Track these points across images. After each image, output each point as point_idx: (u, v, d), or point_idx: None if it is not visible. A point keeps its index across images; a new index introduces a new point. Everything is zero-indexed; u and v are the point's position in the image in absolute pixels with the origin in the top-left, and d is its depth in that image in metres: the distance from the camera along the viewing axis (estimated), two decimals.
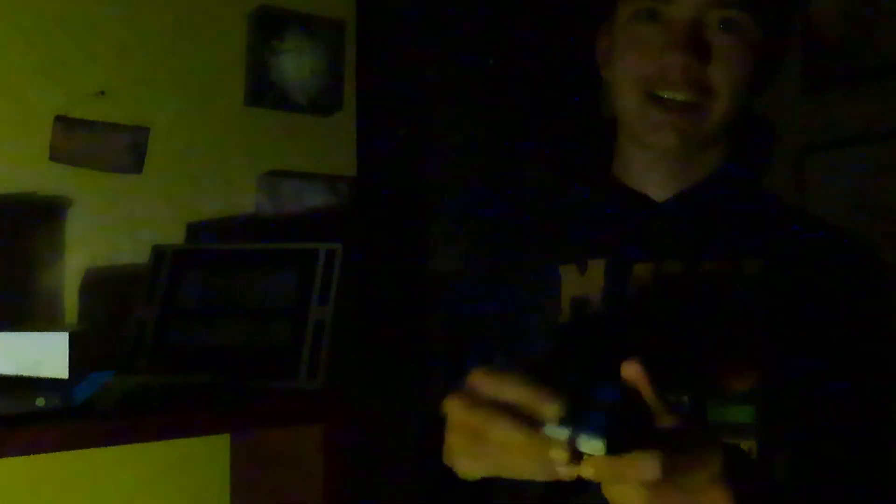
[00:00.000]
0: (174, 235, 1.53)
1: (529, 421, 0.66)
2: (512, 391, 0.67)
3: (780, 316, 0.91)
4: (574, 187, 1.03)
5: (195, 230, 1.55)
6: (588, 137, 1.05)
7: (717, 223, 0.95)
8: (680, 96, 0.91)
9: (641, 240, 0.95)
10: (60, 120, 1.43)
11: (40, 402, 1.09)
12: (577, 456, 0.63)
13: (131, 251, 1.48)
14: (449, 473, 0.76)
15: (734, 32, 0.90)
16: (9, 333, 1.17)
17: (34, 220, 1.42)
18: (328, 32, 1.69)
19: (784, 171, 1.89)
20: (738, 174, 0.98)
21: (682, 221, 0.95)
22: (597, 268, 0.96)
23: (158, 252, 1.45)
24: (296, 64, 1.65)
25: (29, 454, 1.09)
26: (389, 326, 1.82)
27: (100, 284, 1.45)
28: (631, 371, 0.66)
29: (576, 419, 0.62)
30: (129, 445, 1.20)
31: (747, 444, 0.87)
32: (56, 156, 1.43)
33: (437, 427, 0.78)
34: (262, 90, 1.62)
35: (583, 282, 0.96)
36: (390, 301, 1.84)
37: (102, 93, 1.47)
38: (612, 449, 0.61)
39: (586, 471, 0.63)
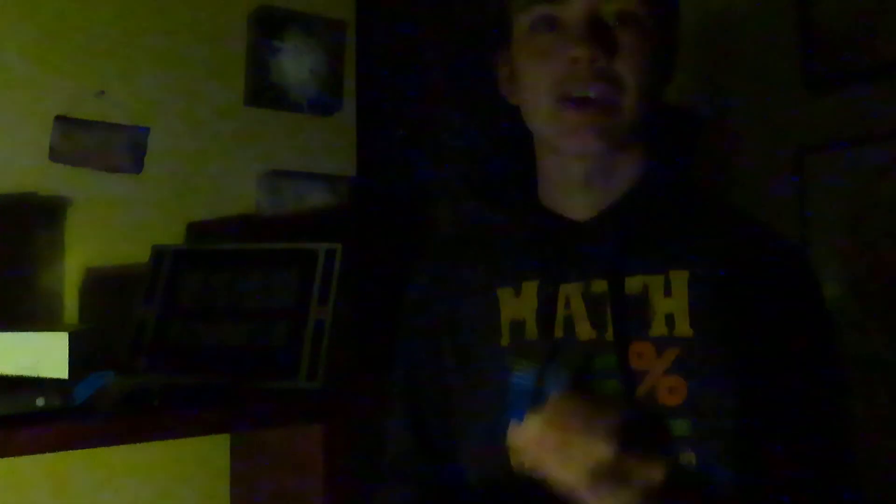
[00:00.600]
0: (174, 235, 1.53)
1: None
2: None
3: (708, 324, 0.90)
4: (501, 212, 1.03)
5: (195, 230, 1.55)
6: (513, 159, 1.05)
7: (641, 236, 0.94)
8: (592, 92, 0.90)
9: (568, 261, 0.96)
10: (60, 120, 1.43)
11: (40, 402, 1.09)
12: None
13: (131, 251, 1.48)
14: None
15: (632, 24, 0.91)
16: (9, 333, 1.17)
17: (34, 220, 1.42)
18: (328, 32, 1.69)
19: (784, 171, 1.88)
20: (660, 181, 0.97)
21: (604, 239, 0.95)
22: (530, 290, 0.97)
23: (158, 252, 1.45)
24: (296, 64, 1.65)
25: (29, 454, 1.09)
26: (389, 326, 1.82)
27: (100, 284, 1.45)
28: None
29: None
30: (129, 445, 1.20)
31: (687, 457, 0.87)
32: (56, 156, 1.43)
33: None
34: (262, 90, 1.62)
35: (518, 304, 0.98)
36: (390, 301, 1.84)
37: (102, 93, 1.47)
38: None
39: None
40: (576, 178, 0.97)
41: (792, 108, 1.89)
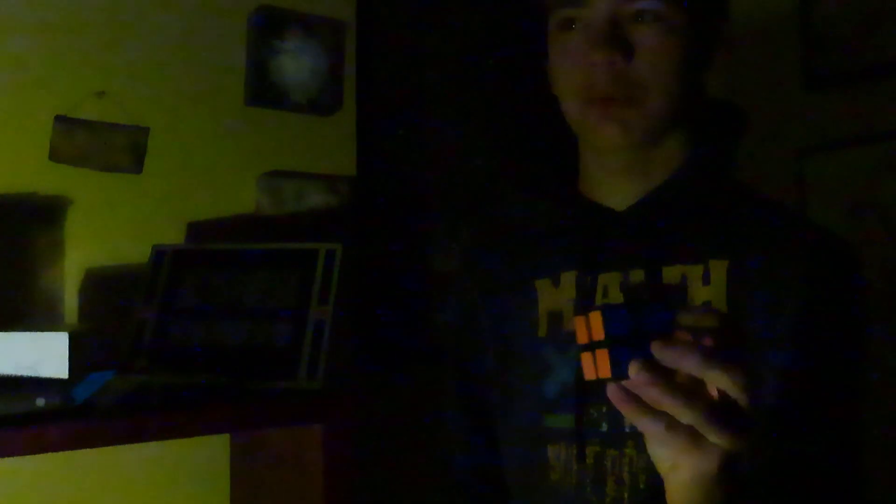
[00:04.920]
0: (174, 235, 1.53)
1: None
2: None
3: (746, 313, 0.90)
4: (542, 204, 1.04)
5: (195, 230, 1.55)
6: (556, 152, 1.06)
7: (680, 226, 0.94)
8: (614, 93, 0.91)
9: (607, 251, 0.96)
10: (60, 120, 1.43)
11: (40, 402, 1.09)
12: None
13: (131, 251, 1.48)
14: None
15: (653, 23, 0.90)
16: (9, 333, 1.17)
17: (34, 220, 1.42)
18: (328, 32, 1.69)
19: (784, 171, 1.89)
20: (700, 171, 0.97)
21: (642, 229, 0.95)
22: (568, 281, 0.98)
23: (158, 252, 1.45)
24: (296, 64, 1.65)
25: (29, 454, 1.09)
26: (389, 326, 1.82)
27: (100, 284, 1.45)
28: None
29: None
30: (129, 445, 1.20)
31: None
32: (56, 156, 1.43)
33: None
34: (262, 90, 1.62)
35: (556, 295, 0.98)
36: (390, 301, 1.84)
37: (102, 93, 1.47)
38: None
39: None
40: (614, 168, 0.97)
41: (792, 108, 1.89)
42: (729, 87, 1.88)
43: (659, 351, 0.66)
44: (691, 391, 0.66)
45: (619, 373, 0.66)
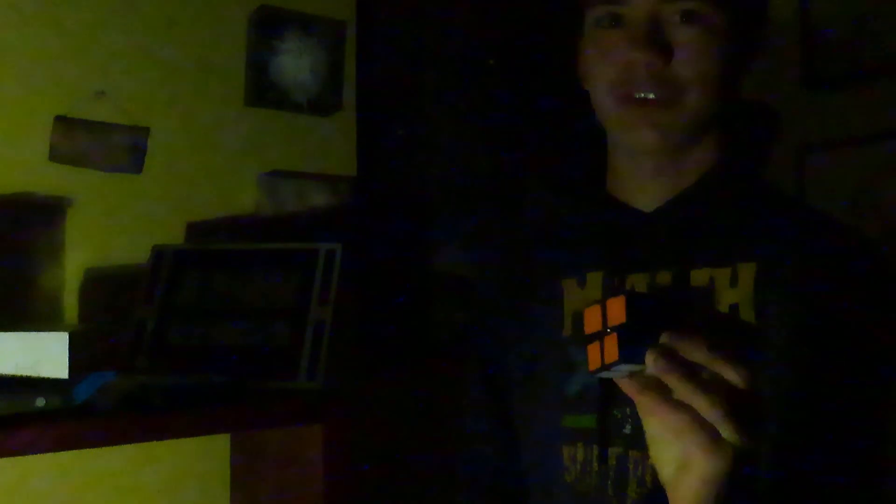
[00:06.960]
0: (174, 235, 1.53)
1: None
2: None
3: (772, 313, 0.90)
4: (569, 204, 1.04)
5: (195, 230, 1.55)
6: (584, 151, 1.05)
7: (708, 228, 0.94)
8: (651, 94, 0.90)
9: (634, 252, 0.96)
10: (60, 120, 1.43)
11: (40, 402, 1.09)
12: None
13: (131, 251, 1.48)
14: None
15: (695, 24, 0.89)
16: (9, 333, 1.17)
17: (34, 220, 1.42)
18: (328, 32, 1.69)
19: (784, 170, 1.89)
20: (731, 173, 0.97)
21: (670, 231, 0.95)
22: (595, 281, 0.97)
23: (158, 252, 1.45)
24: (296, 64, 1.65)
25: (29, 454, 1.09)
26: (389, 326, 1.82)
27: (100, 284, 1.45)
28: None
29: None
30: (129, 445, 1.20)
31: None
32: (56, 156, 1.43)
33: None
34: (262, 90, 1.62)
35: (582, 295, 0.98)
36: (390, 301, 1.84)
37: (102, 93, 1.47)
38: None
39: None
40: (646, 170, 0.97)
41: (792, 108, 1.89)
42: None
43: (670, 339, 0.66)
44: (709, 384, 0.66)
45: (629, 356, 0.66)
